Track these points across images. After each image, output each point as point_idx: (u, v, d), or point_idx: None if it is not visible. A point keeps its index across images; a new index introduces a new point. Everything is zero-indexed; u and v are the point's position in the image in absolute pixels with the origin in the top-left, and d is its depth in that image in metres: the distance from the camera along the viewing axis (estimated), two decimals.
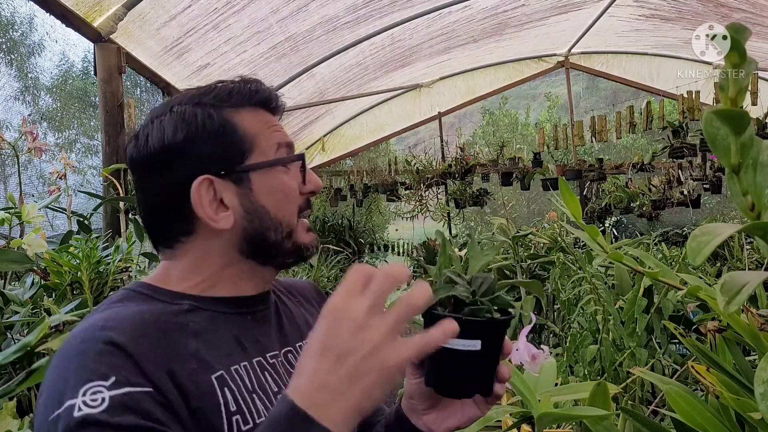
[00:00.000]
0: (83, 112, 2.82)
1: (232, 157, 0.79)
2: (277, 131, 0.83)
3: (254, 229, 0.79)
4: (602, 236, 0.83)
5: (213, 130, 0.78)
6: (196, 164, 0.77)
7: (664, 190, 5.46)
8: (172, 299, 0.77)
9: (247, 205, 0.79)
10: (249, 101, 0.82)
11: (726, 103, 0.53)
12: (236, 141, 0.79)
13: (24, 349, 1.14)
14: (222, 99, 0.81)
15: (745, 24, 0.52)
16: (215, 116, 0.79)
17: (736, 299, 0.51)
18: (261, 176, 0.80)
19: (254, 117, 0.82)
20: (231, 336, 0.78)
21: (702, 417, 0.68)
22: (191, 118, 0.79)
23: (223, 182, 0.78)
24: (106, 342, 0.66)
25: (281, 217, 0.80)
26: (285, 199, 0.81)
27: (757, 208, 0.54)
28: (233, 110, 0.81)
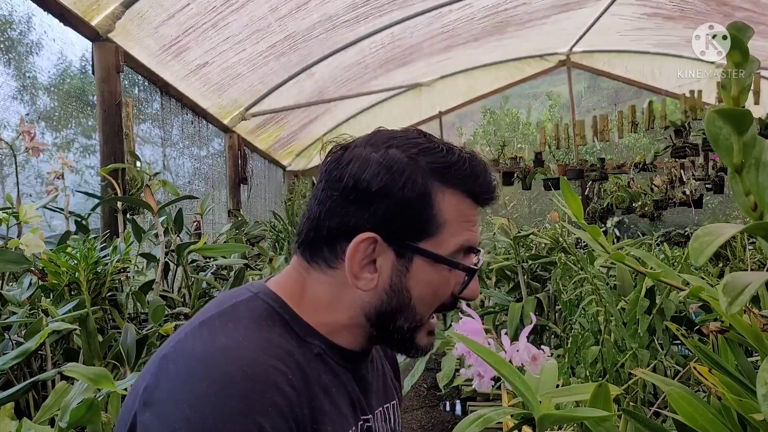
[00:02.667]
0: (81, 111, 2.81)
1: (410, 230, 0.74)
2: (469, 231, 0.77)
3: (389, 306, 0.75)
4: (604, 236, 0.82)
5: (410, 196, 0.73)
6: (375, 218, 0.73)
7: (666, 190, 5.46)
8: (304, 335, 0.74)
9: (396, 281, 0.75)
10: (462, 185, 0.76)
11: (728, 102, 0.53)
12: (424, 218, 0.74)
13: (23, 355, 1.14)
14: (437, 169, 0.75)
15: (747, 23, 0.51)
16: (420, 183, 0.73)
17: (739, 300, 0.51)
18: (424, 264, 0.75)
19: (456, 204, 0.76)
20: (347, 394, 0.77)
21: (704, 418, 0.67)
22: (397, 173, 0.73)
23: (387, 247, 0.74)
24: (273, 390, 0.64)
25: (418, 311, 0.76)
26: (432, 296, 0.77)
27: (759, 208, 0.53)
28: (441, 186, 0.75)
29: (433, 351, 1.47)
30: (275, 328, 0.71)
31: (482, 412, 0.75)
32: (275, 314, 0.73)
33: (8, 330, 1.34)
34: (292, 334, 0.72)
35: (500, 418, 0.74)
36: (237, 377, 0.62)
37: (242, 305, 0.73)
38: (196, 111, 4.02)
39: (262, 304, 0.74)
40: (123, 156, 2.49)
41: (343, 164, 0.75)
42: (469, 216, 0.77)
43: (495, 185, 0.80)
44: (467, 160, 0.76)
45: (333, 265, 0.76)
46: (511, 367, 0.76)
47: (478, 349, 0.74)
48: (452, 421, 4.65)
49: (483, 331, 0.92)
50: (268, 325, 0.71)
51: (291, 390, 0.65)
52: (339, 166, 0.75)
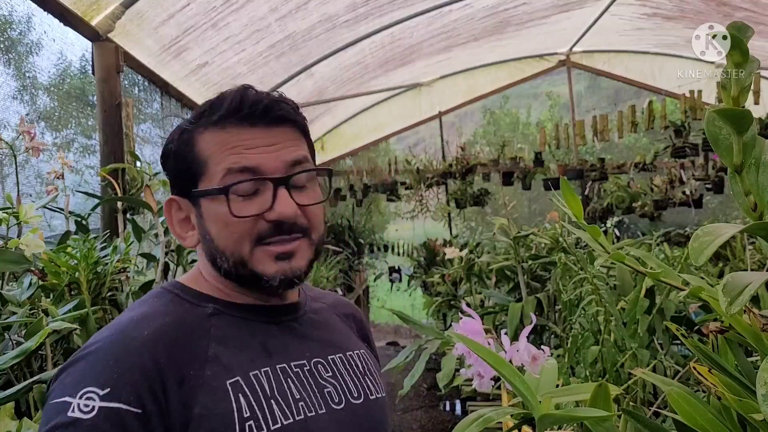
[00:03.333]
0: (81, 111, 2.81)
1: (187, 181, 0.81)
2: (234, 154, 0.77)
3: (208, 253, 0.81)
4: (604, 236, 0.82)
5: (179, 150, 0.81)
6: (171, 182, 0.84)
7: (666, 190, 5.46)
8: (198, 301, 0.80)
9: (200, 228, 0.81)
10: (214, 117, 0.79)
11: (728, 102, 0.53)
12: (189, 164, 0.80)
13: (23, 354, 1.14)
14: (196, 119, 0.81)
15: (747, 23, 0.51)
16: (180, 137, 0.82)
17: (739, 300, 0.51)
18: (207, 203, 0.79)
19: (213, 138, 0.78)
20: (256, 342, 0.79)
21: (704, 418, 0.67)
22: (172, 138, 0.83)
23: (188, 203, 0.82)
24: (118, 349, 0.71)
25: (224, 247, 0.78)
26: (225, 228, 0.77)
27: (759, 208, 0.53)
28: (200, 130, 0.80)
29: (433, 351, 1.47)
30: (159, 301, 0.79)
31: (482, 412, 0.75)
32: (165, 292, 0.82)
33: (8, 330, 1.34)
34: (183, 302, 0.79)
35: (500, 418, 0.74)
36: (97, 344, 0.72)
37: (140, 299, 0.84)
38: None
39: (156, 290, 0.84)
40: (123, 156, 2.49)
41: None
42: (232, 142, 0.78)
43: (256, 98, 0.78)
44: (218, 98, 0.80)
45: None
46: (511, 367, 0.76)
47: (478, 349, 0.74)
48: (452, 421, 4.65)
49: (483, 331, 0.92)
50: (152, 301, 0.80)
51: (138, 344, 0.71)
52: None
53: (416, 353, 1.49)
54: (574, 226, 0.97)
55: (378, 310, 9.56)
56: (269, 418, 0.74)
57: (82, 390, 0.66)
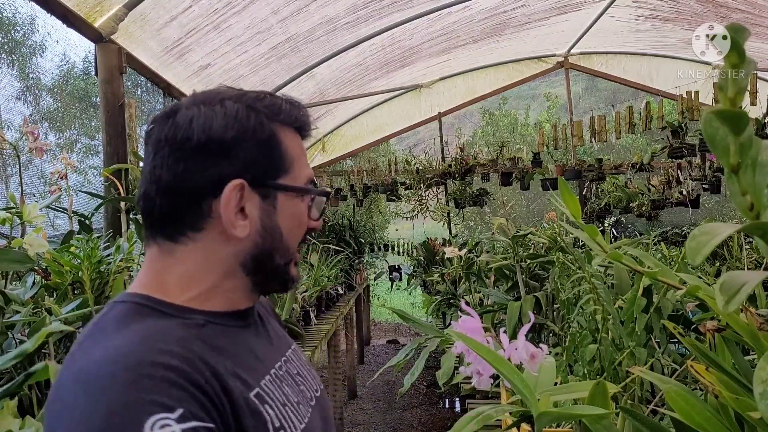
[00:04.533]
0: (84, 112, 2.82)
1: (269, 171, 0.78)
2: (307, 165, 0.84)
3: (265, 247, 0.78)
4: (601, 236, 0.83)
5: (262, 138, 0.77)
6: (236, 166, 0.75)
7: (663, 190, 5.47)
8: (181, 314, 0.72)
9: (266, 221, 0.77)
10: (294, 122, 0.82)
11: (725, 103, 0.54)
12: (277, 157, 0.78)
13: (22, 356, 1.14)
14: (273, 112, 0.79)
15: (744, 24, 0.52)
16: (266, 125, 0.78)
17: (735, 299, 0.52)
18: (287, 199, 0.79)
19: (295, 140, 0.82)
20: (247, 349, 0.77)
21: (701, 416, 0.68)
22: (245, 120, 0.76)
23: (252, 192, 0.76)
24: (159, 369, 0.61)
25: (290, 244, 0.81)
26: (298, 227, 0.81)
27: (756, 207, 0.54)
28: (281, 126, 0.80)
29: (433, 349, 1.48)
30: (147, 319, 0.69)
31: (481, 410, 0.76)
32: (142, 308, 0.71)
33: (12, 329, 1.35)
34: (168, 317, 0.71)
35: (499, 415, 0.75)
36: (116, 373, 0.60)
37: (104, 319, 0.71)
38: None
39: (125, 306, 0.72)
40: (126, 156, 2.50)
41: (183, 126, 0.74)
42: (304, 150, 0.84)
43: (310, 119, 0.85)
44: (288, 101, 0.82)
45: (200, 227, 0.75)
46: (509, 365, 0.77)
47: (477, 347, 0.75)
48: (451, 419, 4.65)
49: (482, 329, 0.93)
50: (138, 319, 0.69)
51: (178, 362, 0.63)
52: (177, 128, 0.74)
53: (416, 351, 1.50)
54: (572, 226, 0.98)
55: (378, 309, 9.57)
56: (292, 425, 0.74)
57: (149, 420, 0.56)
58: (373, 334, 8.57)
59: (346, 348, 5.36)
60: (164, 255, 0.76)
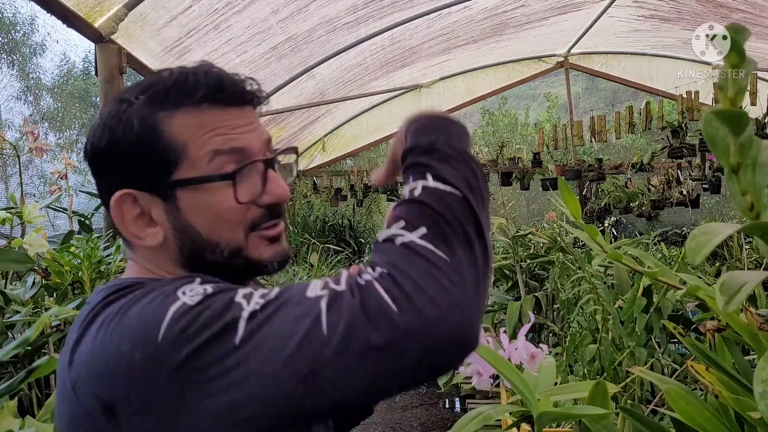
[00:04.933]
0: (84, 112, 2.82)
1: (155, 171, 0.68)
2: (220, 135, 0.69)
3: (188, 249, 0.70)
4: (601, 236, 0.83)
5: (134, 137, 0.68)
6: (120, 175, 0.69)
7: (663, 190, 5.47)
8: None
9: (176, 223, 0.69)
10: (188, 99, 0.69)
11: (725, 103, 0.54)
12: (159, 151, 0.68)
13: (23, 344, 1.14)
14: (156, 99, 0.69)
15: (744, 24, 0.52)
16: (138, 121, 0.68)
17: (735, 299, 0.52)
18: (189, 193, 0.69)
19: (191, 119, 0.69)
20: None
21: (701, 416, 0.68)
22: (115, 122, 0.69)
23: (150, 197, 0.69)
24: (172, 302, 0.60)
25: (216, 239, 0.70)
26: (218, 220, 0.69)
27: (756, 207, 0.54)
28: (166, 113, 0.68)
29: None
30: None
31: (481, 410, 0.76)
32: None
33: (12, 328, 1.35)
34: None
35: (499, 415, 0.76)
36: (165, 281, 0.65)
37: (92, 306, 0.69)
38: None
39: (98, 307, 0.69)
40: None
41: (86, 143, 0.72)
42: (215, 123, 0.69)
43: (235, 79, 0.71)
44: (189, 74, 0.70)
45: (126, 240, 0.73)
46: (509, 365, 0.77)
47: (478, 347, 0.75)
48: (451, 419, 4.65)
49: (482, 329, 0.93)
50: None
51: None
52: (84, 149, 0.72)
53: None
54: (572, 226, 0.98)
55: None
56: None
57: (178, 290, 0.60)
58: None
59: None
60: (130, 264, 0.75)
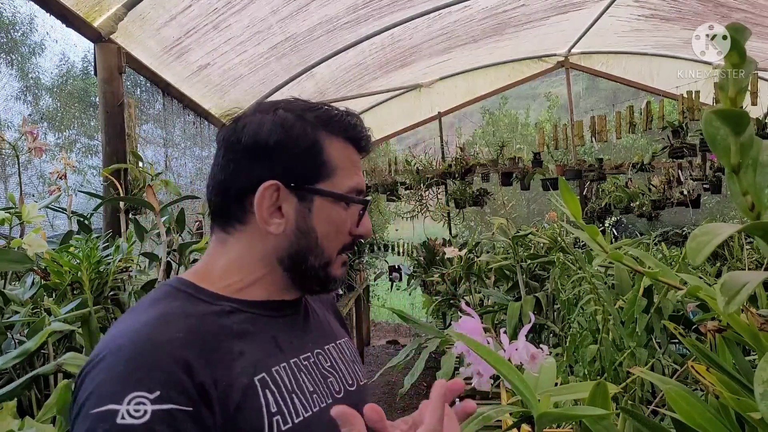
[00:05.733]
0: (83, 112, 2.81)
1: (307, 175, 0.83)
2: (357, 174, 0.88)
3: (299, 247, 0.84)
4: (602, 236, 0.83)
5: (303, 145, 0.83)
6: (275, 169, 0.82)
7: (663, 190, 5.46)
8: (212, 300, 0.80)
9: (301, 222, 0.83)
10: (344, 133, 0.86)
11: (726, 103, 0.53)
12: (318, 163, 0.84)
13: (24, 354, 1.15)
14: (322, 121, 0.85)
15: (744, 24, 0.52)
16: (310, 134, 0.83)
17: (736, 299, 0.51)
18: (324, 204, 0.84)
19: (343, 150, 0.86)
20: (269, 337, 0.82)
21: (702, 417, 0.68)
22: (289, 127, 0.83)
23: (289, 193, 0.83)
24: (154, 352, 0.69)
25: (325, 247, 0.85)
26: (335, 232, 0.85)
27: (756, 208, 0.54)
28: (328, 135, 0.85)
29: (433, 349, 1.48)
30: (175, 301, 0.78)
31: (481, 411, 0.76)
32: (176, 291, 0.81)
33: (11, 329, 1.35)
34: (199, 302, 0.79)
35: (499, 416, 0.75)
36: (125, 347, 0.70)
37: (147, 296, 0.82)
38: (198, 112, 4.03)
39: (165, 288, 0.82)
40: (125, 156, 2.50)
41: (239, 130, 0.84)
42: (355, 161, 0.88)
43: (368, 134, 0.90)
44: (344, 113, 0.88)
45: (244, 221, 0.84)
46: (509, 365, 0.77)
47: (478, 347, 0.75)
48: None
49: (482, 329, 0.93)
50: (167, 301, 0.78)
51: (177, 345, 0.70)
52: (236, 132, 0.84)
53: (416, 352, 1.50)
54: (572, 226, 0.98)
55: (378, 309, 9.57)
56: (293, 412, 0.77)
57: (129, 396, 0.65)
58: (373, 334, 8.57)
59: None
60: (218, 244, 0.86)
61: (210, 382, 0.70)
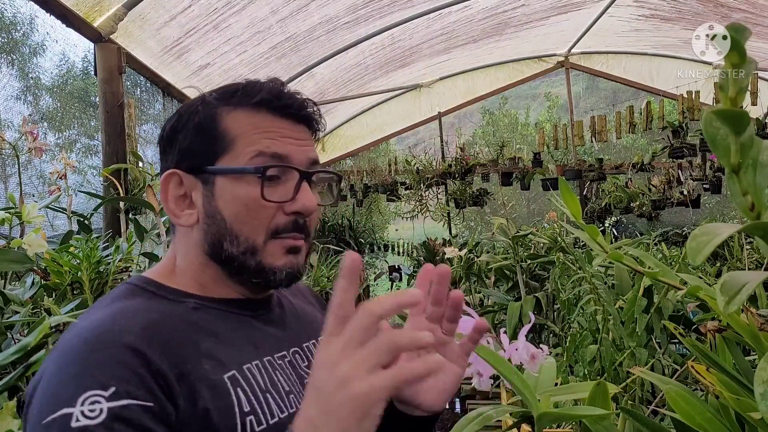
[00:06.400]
0: (84, 112, 2.82)
1: (203, 156, 0.76)
2: (269, 139, 0.75)
3: (212, 235, 0.76)
4: (602, 236, 0.83)
5: (194, 124, 0.77)
6: (175, 156, 0.78)
7: (663, 190, 5.46)
8: (176, 297, 0.76)
9: (208, 207, 0.76)
10: (248, 100, 0.77)
11: (726, 103, 0.53)
12: (212, 139, 0.76)
13: (23, 350, 1.14)
14: (224, 96, 0.78)
15: (744, 24, 0.52)
16: (203, 111, 0.77)
17: (736, 299, 0.51)
18: (226, 182, 0.75)
19: (247, 118, 0.76)
20: (242, 335, 0.77)
21: (702, 417, 0.68)
22: (185, 110, 0.79)
23: (194, 180, 0.77)
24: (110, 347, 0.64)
25: (238, 231, 0.75)
26: (245, 211, 0.75)
27: (756, 207, 0.54)
28: (229, 108, 0.77)
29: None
30: (135, 298, 0.73)
31: (481, 410, 0.76)
32: (138, 289, 0.76)
33: (11, 329, 1.35)
34: (161, 299, 0.74)
35: (499, 416, 0.75)
36: (77, 346, 0.64)
37: (105, 297, 0.77)
38: None
39: (126, 286, 0.77)
40: (125, 156, 2.50)
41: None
42: (269, 127, 0.76)
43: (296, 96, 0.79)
44: (258, 82, 0.78)
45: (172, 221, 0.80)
46: (510, 365, 0.77)
47: (478, 347, 0.75)
48: (452, 419, 4.65)
49: None
50: (128, 298, 0.73)
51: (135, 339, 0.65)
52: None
53: None
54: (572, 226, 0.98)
55: None
56: (267, 412, 0.73)
57: (82, 396, 0.59)
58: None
59: None
60: (171, 244, 0.83)
61: (172, 378, 0.65)
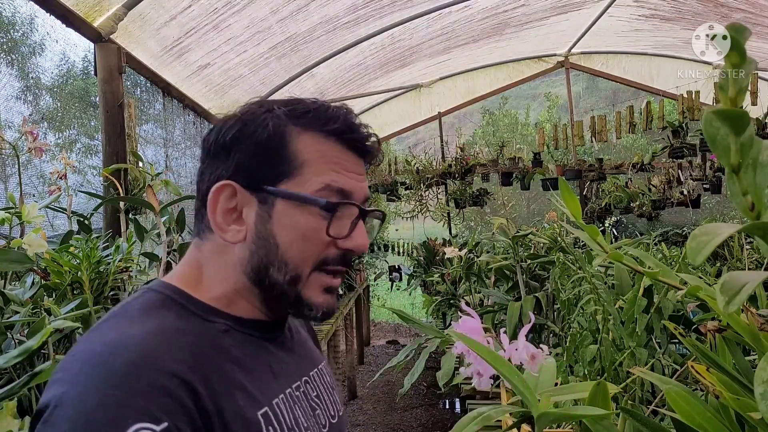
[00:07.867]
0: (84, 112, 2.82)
1: (265, 174, 0.72)
2: (338, 173, 0.72)
3: (260, 258, 0.72)
4: (602, 236, 0.83)
5: (260, 139, 0.72)
6: (230, 167, 0.72)
7: (663, 190, 5.46)
8: (206, 315, 0.72)
9: (261, 229, 0.72)
10: (321, 126, 0.73)
11: (726, 103, 0.53)
12: (278, 159, 0.71)
13: (25, 353, 1.14)
14: (294, 114, 0.73)
15: (744, 24, 0.52)
16: (271, 127, 0.72)
17: (736, 299, 0.51)
18: (287, 207, 0.71)
19: (317, 144, 0.73)
20: (265, 363, 0.74)
21: (702, 417, 0.68)
22: (249, 121, 0.73)
23: (249, 196, 0.72)
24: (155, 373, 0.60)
25: (289, 258, 0.71)
26: (301, 241, 0.71)
27: (756, 207, 0.54)
28: (299, 129, 0.73)
29: (433, 349, 1.48)
30: (170, 314, 0.69)
31: (481, 411, 0.76)
32: (169, 301, 0.71)
33: (11, 329, 1.35)
34: (193, 316, 0.70)
35: (499, 416, 0.75)
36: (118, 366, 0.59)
37: (133, 302, 0.71)
38: (198, 112, 4.03)
39: (155, 295, 0.72)
40: (125, 156, 2.50)
41: (212, 129, 0.77)
42: (336, 158, 0.73)
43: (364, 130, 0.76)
44: (331, 107, 0.75)
45: (210, 227, 0.74)
46: (509, 365, 0.77)
47: (478, 347, 0.74)
48: (452, 419, 4.66)
49: (482, 329, 0.93)
50: (162, 313, 0.69)
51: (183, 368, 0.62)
52: (210, 132, 0.77)
53: (416, 352, 1.50)
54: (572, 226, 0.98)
55: (378, 309, 9.58)
56: None
57: (132, 427, 0.55)
58: (372, 334, 8.57)
59: (346, 348, 5.36)
60: (195, 248, 0.77)
61: (213, 412, 0.62)
